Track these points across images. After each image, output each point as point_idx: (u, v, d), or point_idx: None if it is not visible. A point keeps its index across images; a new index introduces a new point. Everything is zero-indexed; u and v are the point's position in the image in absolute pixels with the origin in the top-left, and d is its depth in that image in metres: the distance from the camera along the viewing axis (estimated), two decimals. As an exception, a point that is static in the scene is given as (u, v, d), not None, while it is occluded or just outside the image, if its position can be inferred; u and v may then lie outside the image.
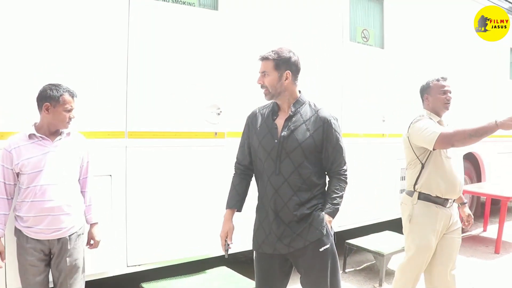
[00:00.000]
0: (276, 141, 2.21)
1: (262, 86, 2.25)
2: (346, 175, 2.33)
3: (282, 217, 2.22)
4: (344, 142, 2.31)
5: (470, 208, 6.40)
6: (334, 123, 2.26)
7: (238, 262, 4.29)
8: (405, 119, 4.91)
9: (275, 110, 2.31)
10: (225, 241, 2.36)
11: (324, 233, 2.22)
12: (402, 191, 5.05)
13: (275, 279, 2.35)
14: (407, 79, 5.02)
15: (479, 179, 6.48)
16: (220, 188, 3.24)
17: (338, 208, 2.28)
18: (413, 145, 2.89)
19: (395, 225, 5.15)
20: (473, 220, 3.25)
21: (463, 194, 5.60)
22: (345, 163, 2.32)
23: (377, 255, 4.16)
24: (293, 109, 2.25)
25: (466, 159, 6.08)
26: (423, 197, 2.86)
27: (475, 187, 5.98)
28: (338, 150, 2.28)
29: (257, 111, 2.39)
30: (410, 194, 2.93)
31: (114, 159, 3.26)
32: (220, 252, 3.01)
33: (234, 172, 2.46)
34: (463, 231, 5.95)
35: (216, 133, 3.47)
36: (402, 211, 3.02)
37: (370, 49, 4.57)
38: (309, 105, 2.30)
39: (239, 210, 2.40)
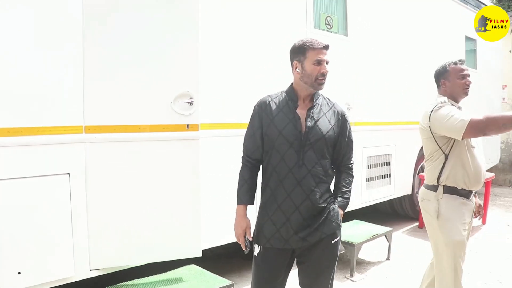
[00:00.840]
0: (300, 131, 2.16)
1: (324, 76, 2.17)
2: (353, 169, 2.37)
3: (302, 211, 2.16)
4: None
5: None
6: (348, 117, 2.33)
7: (206, 259, 4.15)
8: (371, 107, 4.99)
9: (294, 100, 2.23)
10: (244, 237, 2.25)
11: (340, 226, 2.27)
12: (368, 179, 5.05)
13: (280, 274, 2.28)
14: (372, 67, 5.01)
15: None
16: (192, 185, 3.11)
17: (348, 202, 2.31)
18: (435, 135, 2.66)
19: (362, 214, 5.17)
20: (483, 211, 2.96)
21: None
22: (353, 157, 2.37)
23: (347, 245, 4.11)
24: (315, 100, 2.25)
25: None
26: (449, 190, 2.65)
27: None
28: (349, 144, 2.32)
29: (269, 100, 2.26)
30: (433, 188, 2.71)
31: (72, 156, 3.04)
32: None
33: (242, 164, 2.33)
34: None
35: (188, 126, 3.12)
36: (424, 207, 2.78)
37: (334, 36, 4.49)
38: (324, 98, 2.31)
39: (251, 204, 2.30)
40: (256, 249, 2.27)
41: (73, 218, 3.02)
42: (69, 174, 2.99)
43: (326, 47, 2.17)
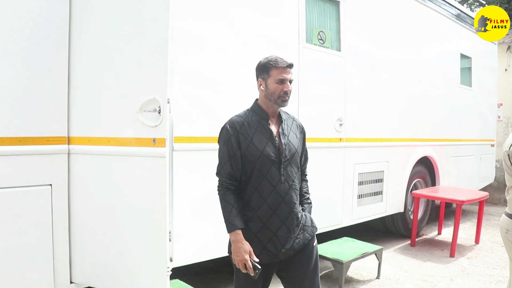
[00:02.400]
0: (278, 149, 2.23)
1: (288, 93, 2.24)
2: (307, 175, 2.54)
3: (288, 225, 2.25)
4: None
5: (425, 212, 6.46)
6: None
7: (191, 274, 4.08)
8: (363, 123, 4.96)
9: (265, 118, 2.28)
10: (250, 261, 2.16)
11: (317, 228, 2.41)
12: (359, 196, 4.99)
13: (267, 285, 2.37)
14: (365, 82, 4.98)
15: (433, 183, 6.55)
16: (159, 213, 2.79)
17: (312, 206, 2.46)
18: None
19: (353, 231, 5.10)
20: None
21: (417, 198, 5.68)
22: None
23: (336, 263, 4.03)
24: (283, 116, 2.35)
25: (421, 163, 6.12)
26: None
27: (428, 191, 6.02)
28: (306, 155, 2.48)
29: (242, 120, 2.26)
30: None
31: (55, 167, 2.99)
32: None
33: (223, 190, 2.25)
34: (419, 235, 6.04)
35: (154, 140, 2.74)
36: (506, 238, 2.69)
37: (327, 51, 4.47)
38: (284, 112, 2.40)
39: (244, 227, 2.23)
40: (257, 264, 2.23)
41: (54, 231, 2.96)
42: (51, 185, 2.95)
43: (290, 66, 2.24)
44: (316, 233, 2.41)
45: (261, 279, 2.27)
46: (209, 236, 3.39)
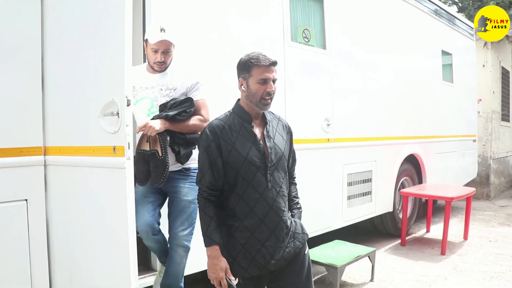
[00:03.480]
0: (263, 154, 2.06)
1: (271, 94, 2.06)
2: (296, 178, 2.38)
3: (277, 234, 2.08)
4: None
5: (413, 210, 6.41)
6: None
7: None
8: (351, 123, 4.85)
9: (248, 120, 2.10)
10: (226, 280, 2.03)
11: (307, 235, 2.23)
12: (349, 197, 4.88)
13: None
14: (351, 81, 4.88)
15: (420, 181, 6.50)
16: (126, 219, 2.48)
17: (301, 211, 2.31)
18: None
19: (342, 232, 4.98)
20: None
21: (406, 197, 5.61)
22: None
23: (330, 268, 3.90)
24: (268, 117, 2.17)
25: (407, 161, 6.06)
26: None
27: (417, 189, 5.95)
28: (294, 155, 2.32)
29: (222, 124, 2.08)
30: None
31: (30, 180, 2.78)
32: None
33: (204, 201, 2.08)
34: (408, 233, 5.97)
35: (114, 149, 2.42)
36: None
37: (312, 49, 4.35)
38: (269, 113, 2.22)
39: (222, 241, 2.09)
40: (235, 281, 2.08)
41: (31, 250, 2.75)
42: (26, 200, 2.73)
43: (273, 64, 2.05)
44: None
45: None
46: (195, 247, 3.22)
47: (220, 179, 2.05)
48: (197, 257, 3.12)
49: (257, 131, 2.09)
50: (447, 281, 4.35)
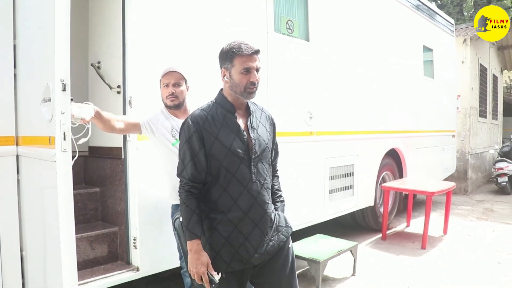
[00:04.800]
0: (247, 144, 2.00)
1: (255, 84, 1.98)
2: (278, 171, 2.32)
3: (262, 227, 2.03)
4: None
5: (394, 204, 6.42)
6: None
7: (158, 281, 3.81)
8: (333, 116, 4.80)
9: (231, 110, 2.03)
10: (208, 275, 1.95)
11: (291, 228, 2.19)
12: (331, 191, 4.84)
13: None
14: (334, 74, 4.82)
15: (401, 175, 6.51)
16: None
17: (285, 204, 2.26)
18: None
19: (322, 226, 4.94)
20: None
21: (387, 191, 5.61)
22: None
23: (312, 262, 3.85)
24: (251, 108, 2.10)
25: (388, 156, 6.06)
26: None
27: (398, 183, 5.96)
28: (277, 149, 2.27)
29: (205, 114, 2.00)
30: None
31: (1, 171, 2.65)
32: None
33: (185, 194, 2.00)
34: (388, 228, 5.98)
35: (50, 139, 2.28)
36: None
37: (295, 41, 4.27)
38: (252, 103, 2.15)
39: (203, 236, 2.01)
40: (217, 276, 2.00)
41: (2, 244, 2.62)
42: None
43: (256, 52, 1.98)
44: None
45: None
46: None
47: (202, 171, 1.98)
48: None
49: (240, 122, 2.03)
50: (428, 275, 4.35)
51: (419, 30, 6.84)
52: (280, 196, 2.25)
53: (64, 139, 2.16)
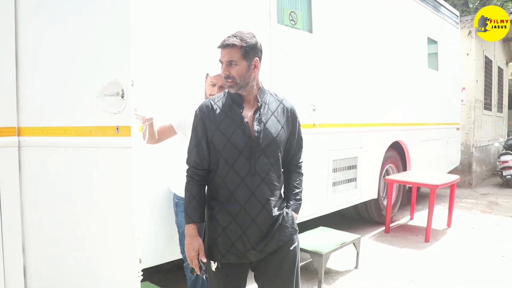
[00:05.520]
0: (249, 137, 1.95)
1: (227, 77, 1.97)
2: (302, 167, 2.24)
3: (259, 222, 1.97)
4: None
5: (397, 197, 6.40)
6: (297, 113, 2.16)
7: (160, 273, 3.81)
8: (337, 108, 4.77)
9: (238, 102, 2.02)
10: (198, 260, 2.00)
11: (297, 231, 2.12)
12: (334, 184, 4.82)
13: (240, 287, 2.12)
14: (337, 66, 4.78)
15: (404, 168, 6.48)
16: (126, 208, 2.49)
17: (301, 203, 2.18)
18: None
19: (326, 219, 4.92)
20: None
21: (391, 184, 5.59)
22: (302, 155, 2.24)
23: (315, 255, 3.84)
24: (260, 100, 2.04)
25: (392, 148, 6.03)
26: None
27: (401, 176, 5.93)
28: (299, 142, 2.20)
29: (212, 103, 2.03)
30: None
31: (3, 163, 2.64)
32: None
33: (188, 179, 2.05)
34: (392, 221, 5.97)
35: (117, 128, 2.41)
36: None
37: (298, 32, 4.24)
38: (271, 94, 2.12)
39: (202, 222, 2.05)
40: (213, 265, 2.03)
41: (4, 234, 2.62)
42: (-1, 183, 2.60)
43: (224, 45, 1.99)
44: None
45: (231, 283, 2.07)
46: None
47: (204, 159, 2.01)
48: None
49: (247, 113, 2.00)
50: (431, 268, 4.34)
51: (423, 22, 6.77)
52: (297, 194, 2.17)
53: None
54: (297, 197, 2.17)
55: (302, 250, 3.84)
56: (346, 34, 4.93)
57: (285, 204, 2.12)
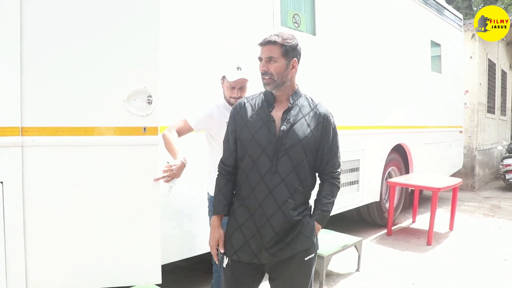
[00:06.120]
0: (274, 135, 1.96)
1: (265, 73, 1.98)
2: (339, 178, 2.16)
3: (274, 223, 1.95)
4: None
5: (400, 200, 6.39)
6: (332, 120, 2.14)
7: (164, 273, 3.81)
8: (339, 110, 4.76)
9: (270, 101, 2.05)
10: (217, 250, 2.07)
11: (314, 242, 2.05)
12: (336, 186, 4.81)
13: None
14: (340, 68, 4.79)
15: (407, 171, 6.48)
16: (151, 199, 2.62)
17: (328, 215, 2.10)
18: None
19: (329, 223, 4.91)
20: None
21: (393, 186, 5.58)
22: (339, 165, 2.16)
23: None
24: (291, 101, 2.04)
25: (394, 151, 6.02)
26: None
27: (404, 179, 5.93)
28: (334, 150, 2.12)
29: (245, 101, 2.10)
30: None
31: (6, 161, 2.64)
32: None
33: (218, 172, 2.15)
34: (394, 223, 5.96)
35: (145, 129, 2.62)
36: None
37: (302, 35, 4.24)
38: (306, 98, 2.13)
39: (227, 214, 2.10)
40: (225, 261, 2.06)
41: (6, 235, 2.62)
42: (2, 182, 2.60)
43: (266, 42, 1.99)
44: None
45: (240, 282, 2.07)
46: (184, 236, 3.16)
47: (231, 154, 2.08)
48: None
49: (277, 113, 2.02)
50: (433, 272, 4.33)
51: (426, 25, 6.77)
52: (324, 205, 2.07)
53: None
54: (324, 208, 2.07)
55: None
56: (349, 36, 4.93)
57: (309, 213, 2.07)
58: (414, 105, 6.41)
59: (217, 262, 2.11)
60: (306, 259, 2.02)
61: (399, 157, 6.28)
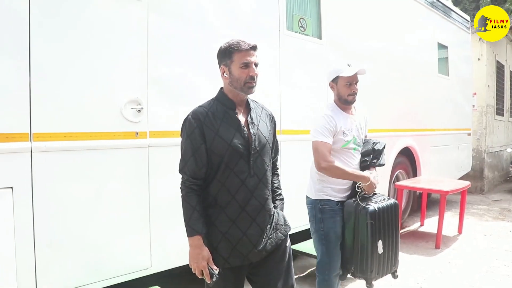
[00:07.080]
0: (247, 140, 2.03)
1: (254, 79, 2.02)
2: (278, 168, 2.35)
3: (259, 222, 2.06)
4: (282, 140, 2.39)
5: (408, 203, 6.36)
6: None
7: (169, 276, 3.83)
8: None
9: (231, 106, 2.06)
10: (208, 269, 1.97)
11: (289, 227, 2.22)
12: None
13: None
14: (346, 71, 4.78)
15: (414, 174, 6.45)
16: (146, 196, 2.93)
17: (284, 202, 2.30)
18: None
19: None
20: None
21: (400, 190, 5.56)
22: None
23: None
24: (252, 104, 2.15)
25: (402, 154, 6.00)
26: None
27: (411, 182, 5.90)
28: (277, 146, 2.30)
29: (206, 110, 2.04)
30: None
31: (16, 167, 2.68)
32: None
33: (186, 190, 2.03)
34: (402, 227, 5.93)
35: (137, 133, 2.91)
36: None
37: (308, 39, 4.26)
38: (252, 100, 2.20)
39: (204, 232, 2.02)
40: (215, 272, 2.02)
41: (16, 238, 2.66)
42: (12, 188, 2.64)
43: (253, 48, 2.03)
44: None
45: (238, 286, 2.11)
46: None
47: (203, 167, 2.01)
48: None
49: (241, 117, 2.07)
50: (442, 275, 4.31)
51: (433, 27, 6.76)
52: (280, 194, 2.28)
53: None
54: (281, 197, 2.28)
55: (309, 255, 3.87)
56: (356, 40, 4.94)
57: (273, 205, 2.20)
58: (421, 108, 6.39)
59: (209, 281, 1.99)
60: (287, 245, 2.21)
61: (407, 160, 6.25)
